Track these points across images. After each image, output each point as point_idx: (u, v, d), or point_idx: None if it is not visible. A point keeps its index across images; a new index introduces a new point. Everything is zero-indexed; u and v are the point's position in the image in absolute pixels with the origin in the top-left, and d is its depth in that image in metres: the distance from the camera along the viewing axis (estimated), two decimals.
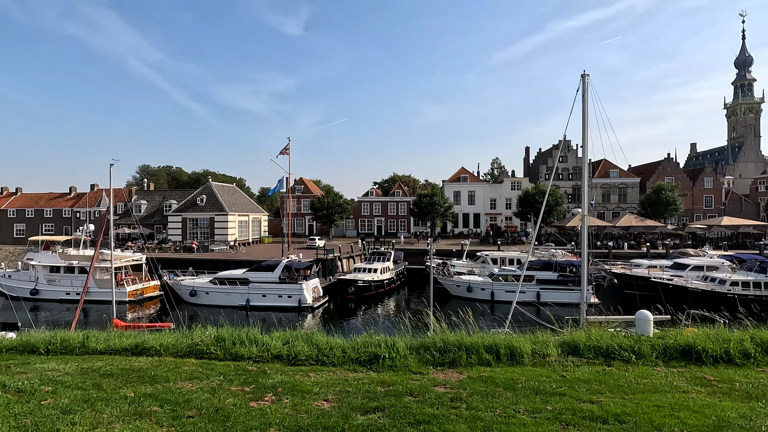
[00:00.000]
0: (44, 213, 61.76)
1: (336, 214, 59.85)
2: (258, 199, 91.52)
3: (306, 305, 29.63)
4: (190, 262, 40.46)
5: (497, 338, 6.90)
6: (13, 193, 65.88)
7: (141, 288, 32.51)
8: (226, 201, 55.64)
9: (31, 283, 33.87)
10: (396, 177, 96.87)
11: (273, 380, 5.31)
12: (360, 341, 6.85)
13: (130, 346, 7.01)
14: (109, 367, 5.89)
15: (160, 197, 62.70)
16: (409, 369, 5.96)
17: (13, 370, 5.72)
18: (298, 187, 71.05)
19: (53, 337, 7.38)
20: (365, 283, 33.74)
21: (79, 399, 4.48)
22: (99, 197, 61.52)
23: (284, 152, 39.58)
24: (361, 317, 29.53)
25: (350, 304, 32.85)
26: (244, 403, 4.44)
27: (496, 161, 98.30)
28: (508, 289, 30.87)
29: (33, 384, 4.96)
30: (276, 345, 6.72)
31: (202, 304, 30.67)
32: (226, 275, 31.87)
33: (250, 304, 29.96)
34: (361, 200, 70.18)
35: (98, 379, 5.26)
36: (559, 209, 54.11)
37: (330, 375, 5.71)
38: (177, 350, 6.87)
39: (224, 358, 6.60)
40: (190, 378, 5.41)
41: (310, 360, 6.41)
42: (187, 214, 54.82)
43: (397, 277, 38.41)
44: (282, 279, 30.42)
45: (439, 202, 57.17)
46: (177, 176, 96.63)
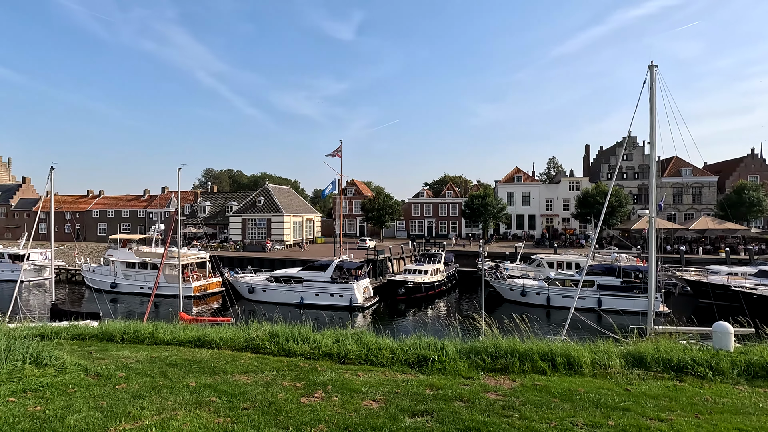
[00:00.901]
0: (122, 213, 67.76)
1: (386, 215, 60.22)
2: (311, 200, 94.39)
3: (357, 305, 30.06)
4: (249, 260, 42.56)
5: (553, 346, 6.56)
6: (96, 196, 72.93)
7: (205, 284, 34.65)
8: (282, 202, 57.90)
9: (111, 277, 37.25)
10: (447, 178, 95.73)
11: (323, 378, 5.41)
12: (409, 343, 6.81)
13: (193, 338, 7.47)
14: (174, 357, 6.31)
15: (223, 199, 66.55)
16: (458, 373, 5.83)
17: (93, 356, 6.29)
18: (350, 188, 72.34)
19: (128, 327, 8.04)
20: (415, 285, 33.62)
21: (147, 386, 4.84)
22: (169, 199, 66.46)
23: (336, 154, 40.45)
24: (410, 318, 29.46)
25: (400, 305, 32.88)
26: (296, 399, 4.56)
27: (552, 161, 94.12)
28: (565, 295, 29.39)
29: (109, 369, 5.42)
30: (327, 343, 6.85)
31: (259, 300, 32.13)
32: (282, 274, 33.13)
33: (304, 302, 30.91)
34: (411, 201, 70.10)
35: (164, 368, 5.64)
36: (623, 210, 50.72)
37: (378, 375, 5.72)
38: (235, 344, 7.21)
39: (278, 353, 6.84)
40: (246, 371, 5.66)
41: (360, 359, 6.47)
42: (246, 214, 57.70)
43: (447, 279, 37.91)
44: (334, 278, 31.10)
45: (491, 203, 55.73)
46: (238, 179, 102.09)
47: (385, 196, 61.77)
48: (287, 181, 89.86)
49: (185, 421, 3.77)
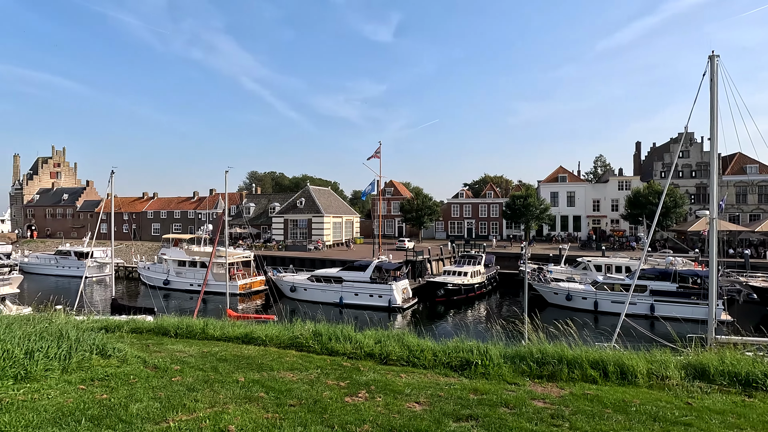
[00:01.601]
0: (174, 214, 71.62)
1: (425, 216, 59.92)
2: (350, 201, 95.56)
3: (396, 305, 30.10)
4: (291, 259, 43.71)
5: (604, 353, 6.26)
6: (151, 198, 77.53)
7: (249, 282, 35.94)
8: (322, 203, 59.04)
9: (164, 275, 39.46)
10: (487, 178, 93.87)
11: (366, 378, 5.44)
12: (451, 345, 6.73)
13: (241, 335, 7.76)
14: (224, 352, 6.57)
15: (266, 200, 68.79)
16: (503, 378, 5.69)
17: (151, 349, 6.68)
18: (388, 189, 72.59)
19: (180, 323, 8.47)
20: (455, 287, 33.21)
21: (200, 379, 5.07)
22: (216, 201, 69.53)
23: (375, 156, 40.72)
24: (450, 321, 29.12)
25: (439, 306, 32.59)
26: (340, 398, 4.62)
27: (599, 159, 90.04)
28: (615, 300, 27.99)
29: (165, 362, 5.73)
30: (369, 343, 6.90)
31: (300, 299, 32.92)
32: (322, 273, 33.77)
33: (343, 301, 31.34)
34: (450, 202, 69.33)
35: (215, 363, 5.89)
36: (679, 211, 47.66)
37: (421, 377, 5.69)
38: (280, 341, 7.42)
39: (321, 352, 6.96)
40: (291, 369, 5.80)
41: (401, 361, 6.46)
42: (288, 215, 59.33)
43: (488, 281, 37.17)
44: (373, 279, 31.31)
45: (534, 203, 54.07)
46: (280, 181, 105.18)
47: (424, 197, 61.46)
48: (327, 183, 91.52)
49: (236, 415, 3.92)
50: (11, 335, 5.18)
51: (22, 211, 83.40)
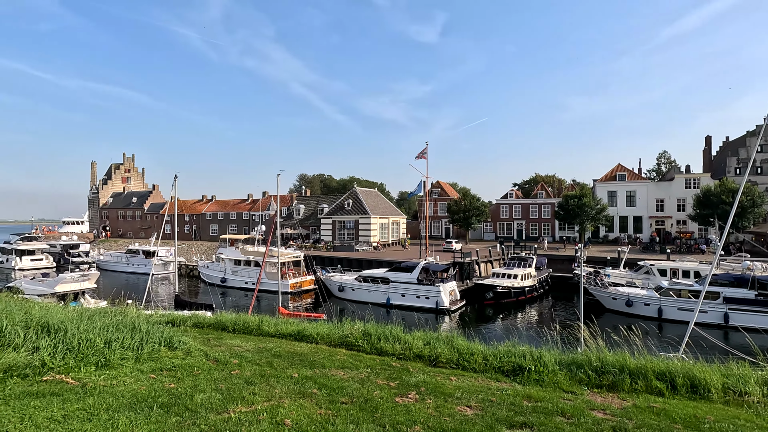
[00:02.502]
0: (230, 216, 75.39)
1: (473, 217, 58.83)
2: (396, 202, 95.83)
3: (443, 307, 29.79)
4: (339, 260, 44.56)
5: (671, 364, 5.83)
6: (209, 200, 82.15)
7: (300, 281, 37.06)
8: (369, 205, 59.68)
9: (221, 273, 41.64)
10: (538, 177, 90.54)
11: (416, 379, 5.44)
12: (502, 350, 6.57)
13: (293, 332, 8.03)
14: (278, 349, 6.83)
15: (315, 202, 70.63)
16: (559, 386, 5.47)
17: (211, 343, 7.08)
18: (435, 190, 72.02)
19: (238, 319, 8.91)
20: (504, 289, 32.32)
21: (257, 374, 5.31)
22: (268, 203, 72.38)
23: (422, 156, 40.57)
24: (499, 324, 28.36)
25: (488, 309, 31.84)
26: (390, 398, 4.65)
27: (663, 155, 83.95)
28: (682, 307, 25.95)
29: (225, 356, 6.05)
30: (417, 345, 6.89)
31: (348, 299, 33.46)
32: (369, 274, 34.11)
33: (390, 302, 31.47)
34: (499, 202, 67.58)
35: (270, 359, 6.14)
36: (757, 212, 43.35)
37: (471, 381, 5.60)
38: (330, 340, 7.59)
39: (370, 351, 7.05)
40: (342, 367, 5.92)
41: (451, 363, 6.39)
42: (336, 216, 60.55)
43: (539, 284, 35.81)
44: (420, 280, 31.18)
45: (589, 203, 51.40)
46: (328, 183, 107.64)
47: (472, 198, 60.36)
48: (373, 184, 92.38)
49: (291, 409, 4.06)
50: (93, 326, 5.71)
51: (98, 213, 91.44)
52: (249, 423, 3.65)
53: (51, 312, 6.77)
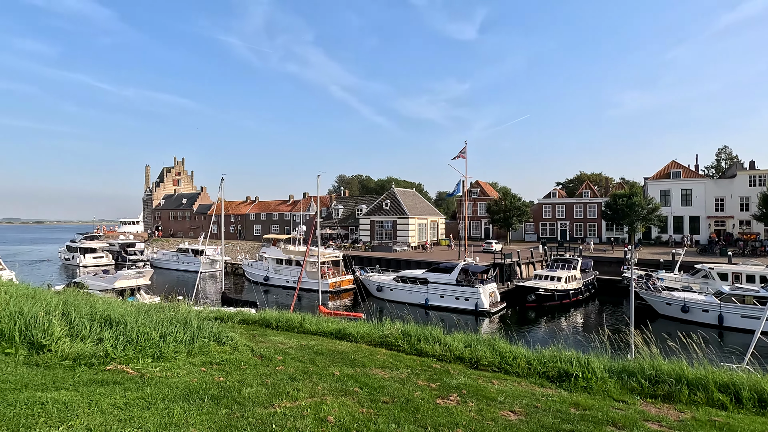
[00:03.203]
0: (272, 216, 77.75)
1: (514, 217, 57.37)
2: (435, 202, 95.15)
3: (483, 309, 29.26)
4: (377, 260, 44.83)
5: (735, 375, 5.42)
6: (253, 201, 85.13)
7: (339, 281, 37.62)
8: (407, 205, 59.64)
9: (264, 272, 43.02)
10: (583, 176, 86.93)
11: (457, 381, 5.38)
12: (547, 354, 6.36)
13: (334, 330, 8.16)
14: (320, 346, 6.97)
15: (353, 202, 71.46)
16: (608, 394, 5.22)
17: (257, 339, 7.33)
18: (474, 190, 70.87)
19: (281, 317, 9.18)
20: (547, 292, 31.29)
21: (300, 370, 5.44)
22: (308, 203, 74.03)
23: (461, 156, 40.06)
24: (542, 328, 27.48)
25: (530, 312, 30.93)
26: (431, 399, 4.62)
27: (723, 151, 78.03)
28: (746, 314, 24.06)
29: (270, 352, 6.25)
30: (458, 347, 6.81)
31: (386, 299, 33.59)
32: (408, 274, 34.07)
33: (429, 303, 31.28)
34: (541, 202, 65.49)
35: (313, 356, 6.28)
36: None
37: (514, 385, 5.46)
38: (370, 339, 7.66)
39: (410, 352, 7.04)
40: (382, 366, 5.95)
41: (493, 366, 6.27)
42: (374, 217, 60.95)
43: (585, 287, 34.36)
44: (459, 281, 30.79)
45: (639, 202, 48.73)
46: (366, 183, 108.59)
47: (512, 197, 58.87)
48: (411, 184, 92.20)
49: (334, 406, 4.13)
50: (149, 320, 6.07)
51: (151, 214, 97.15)
52: (294, 418, 3.75)
53: (112, 306, 7.26)
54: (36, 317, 5.33)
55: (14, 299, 5.88)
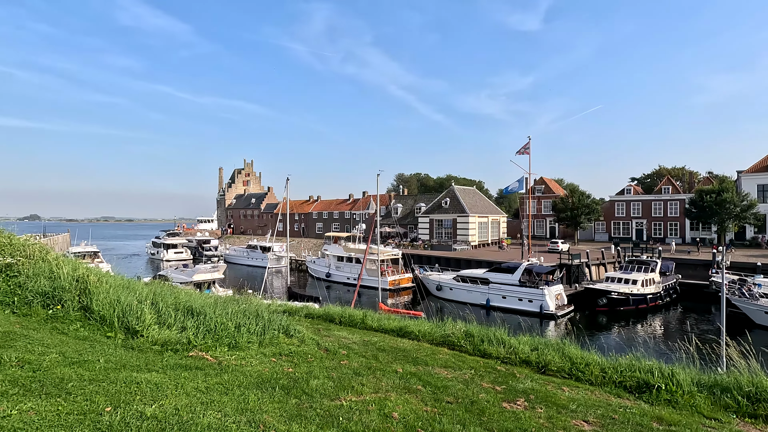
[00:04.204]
0: (333, 215, 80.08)
1: (582, 216, 54.10)
2: (496, 200, 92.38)
3: (548, 312, 27.94)
4: (436, 258, 44.49)
5: None
6: (315, 200, 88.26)
7: (398, 279, 37.86)
8: (467, 203, 58.51)
9: (326, 268, 44.44)
10: (662, 170, 79.83)
11: (524, 385, 5.18)
12: (624, 363, 5.93)
13: (396, 328, 8.22)
14: (382, 343, 7.05)
15: (412, 201, 71.48)
16: (697, 410, 4.75)
17: (321, 333, 7.59)
18: (538, 187, 67.84)
19: (344, 312, 9.42)
20: (621, 296, 29.14)
21: (364, 365, 5.54)
22: (368, 202, 75.23)
23: (524, 151, 38.55)
24: (614, 334, 25.65)
25: (600, 317, 29.00)
26: (497, 402, 4.49)
27: None
28: None
29: (334, 346, 6.44)
30: (524, 349, 6.56)
31: (446, 298, 33.22)
32: (468, 274, 33.44)
33: (490, 303, 30.46)
34: (614, 199, 61.06)
35: (375, 352, 6.37)
36: None
37: (587, 394, 5.15)
38: (432, 338, 7.61)
39: (473, 353, 6.90)
40: (445, 366, 5.89)
41: (562, 372, 5.97)
42: (433, 215, 60.52)
43: (665, 292, 31.55)
44: (522, 282, 29.66)
45: (731, 199, 43.75)
46: (425, 182, 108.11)
47: (581, 194, 55.53)
48: (471, 182, 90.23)
49: (398, 403, 4.16)
50: (225, 311, 6.51)
51: (224, 213, 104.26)
52: (359, 412, 3.83)
53: (192, 298, 7.88)
54: (131, 306, 5.94)
55: (113, 289, 6.59)
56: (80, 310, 6.03)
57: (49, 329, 5.48)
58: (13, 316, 5.76)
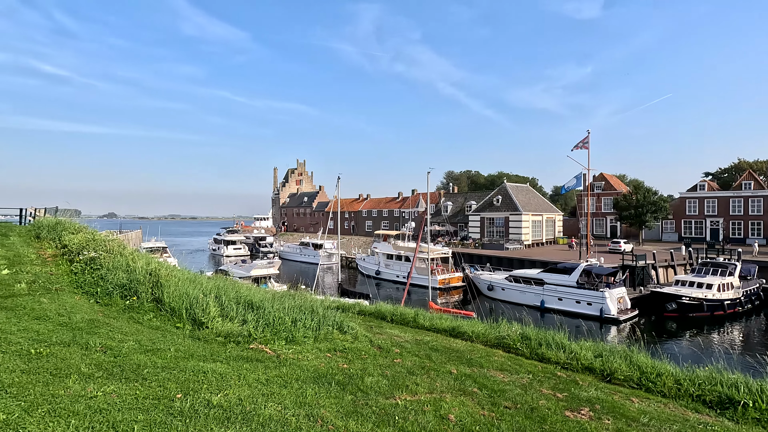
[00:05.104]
0: (382, 213, 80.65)
1: (647, 214, 50.40)
2: (551, 198, 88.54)
3: (609, 316, 26.34)
4: (488, 258, 43.44)
5: None
6: (364, 199, 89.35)
7: (448, 278, 37.39)
8: (519, 201, 56.58)
9: (376, 266, 44.85)
10: (743, 164, 72.55)
11: (587, 394, 4.89)
12: (702, 375, 5.43)
13: (449, 328, 8.09)
14: (435, 342, 6.97)
15: (462, 199, 70.28)
16: None
17: (374, 330, 7.63)
18: (598, 183, 64.13)
19: (395, 310, 9.42)
20: (694, 301, 26.84)
21: (417, 365, 5.50)
22: (417, 200, 74.96)
23: (582, 146, 36.59)
24: (686, 343, 23.66)
25: (669, 323, 26.87)
26: (559, 410, 4.27)
27: None
28: None
29: (387, 344, 6.44)
30: (586, 355, 6.21)
31: (497, 298, 32.33)
32: (521, 274, 32.32)
33: (545, 305, 29.25)
34: (685, 196, 56.35)
35: (428, 351, 6.30)
36: None
37: (659, 407, 4.76)
38: (486, 339, 7.41)
39: (530, 356, 6.63)
40: (501, 369, 5.70)
41: (630, 382, 5.57)
42: (484, 213, 59.13)
43: (745, 298, 28.63)
44: (580, 284, 28.18)
45: None
46: (475, 179, 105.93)
47: (646, 191, 51.75)
48: (524, 179, 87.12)
49: (453, 405, 4.07)
50: (282, 306, 6.73)
51: (278, 211, 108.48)
52: (415, 412, 3.79)
53: (252, 292, 8.24)
54: (197, 299, 6.30)
55: (181, 282, 7.04)
56: (153, 302, 6.50)
57: (126, 318, 5.96)
58: (97, 305, 6.32)
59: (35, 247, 9.31)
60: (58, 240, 9.49)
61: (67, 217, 13.24)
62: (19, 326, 4.78)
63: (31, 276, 7.13)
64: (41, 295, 6.21)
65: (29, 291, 6.36)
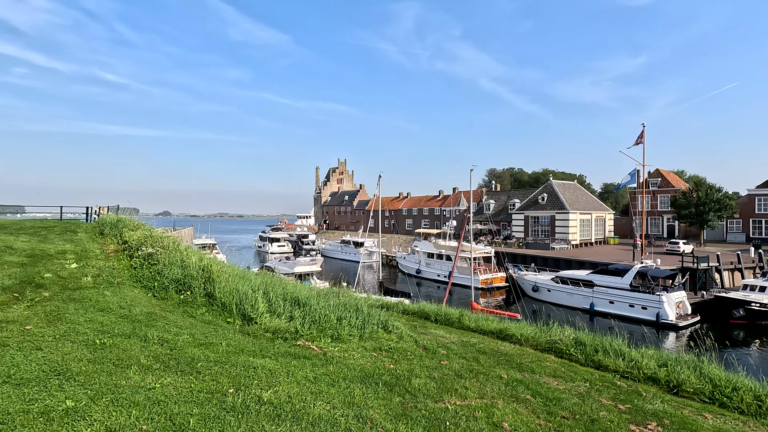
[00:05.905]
0: (423, 211, 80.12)
1: (710, 212, 46.79)
2: (600, 195, 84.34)
3: (666, 321, 24.67)
4: (532, 257, 42.01)
5: None
6: (405, 197, 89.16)
7: (490, 278, 36.52)
8: (566, 199, 54.29)
9: (416, 265, 44.61)
10: None
11: (653, 407, 4.52)
12: None
13: (495, 329, 7.82)
14: (482, 345, 6.74)
15: (505, 197, 68.44)
16: None
17: (418, 330, 7.51)
18: (653, 180, 60.33)
19: (439, 310, 9.25)
20: (764, 308, 24.59)
21: (465, 368, 5.32)
22: (458, 198, 73.84)
23: (638, 141, 34.53)
24: (756, 353, 21.71)
25: (736, 331, 24.77)
26: (622, 423, 3.96)
27: None
28: None
29: (432, 345, 6.30)
30: (649, 364, 5.77)
31: (543, 300, 31.17)
32: (569, 275, 30.98)
33: (595, 308, 27.86)
34: (753, 193, 51.79)
35: (476, 354, 6.09)
36: None
37: (738, 425, 4.32)
38: (536, 343, 7.09)
39: (585, 363, 6.26)
40: (554, 375, 5.40)
41: (701, 395, 5.10)
42: (528, 212, 57.24)
43: None
44: (634, 287, 26.59)
45: None
46: (518, 177, 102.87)
47: (708, 188, 48.04)
48: (571, 176, 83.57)
49: (506, 412, 3.88)
50: (327, 303, 6.76)
51: (320, 209, 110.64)
52: (466, 418, 3.64)
53: (297, 289, 8.36)
54: (246, 294, 6.45)
55: (231, 278, 7.24)
56: (205, 297, 6.72)
57: (181, 312, 6.20)
58: (154, 299, 6.63)
59: (99, 243, 9.95)
60: (119, 236, 10.10)
61: (127, 214, 14.09)
62: (85, 317, 5.07)
63: (96, 270, 7.61)
64: (105, 288, 6.60)
65: (94, 284, 6.77)
